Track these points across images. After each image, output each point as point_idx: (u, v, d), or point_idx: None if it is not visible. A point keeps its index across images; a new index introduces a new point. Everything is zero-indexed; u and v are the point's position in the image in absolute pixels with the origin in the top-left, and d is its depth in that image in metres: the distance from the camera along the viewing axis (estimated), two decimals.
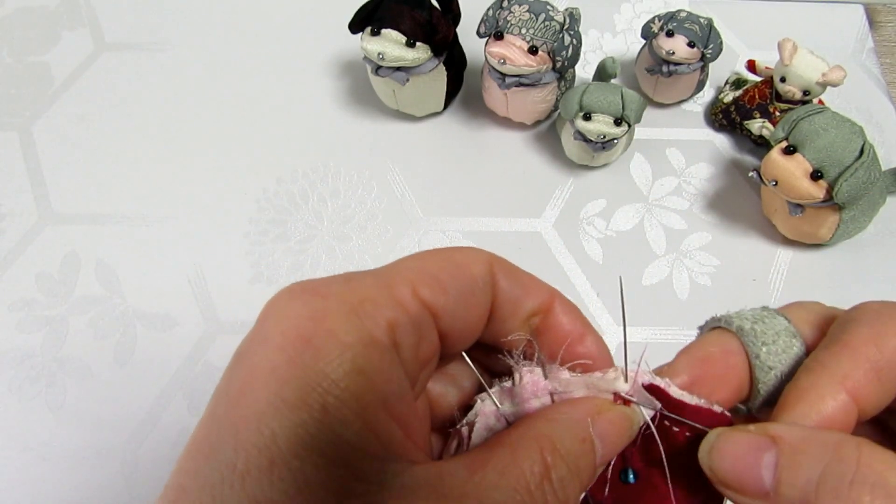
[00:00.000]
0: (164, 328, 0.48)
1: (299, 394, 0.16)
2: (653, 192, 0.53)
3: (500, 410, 0.21)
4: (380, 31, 0.48)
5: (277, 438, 0.16)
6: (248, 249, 0.51)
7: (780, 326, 0.22)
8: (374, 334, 0.17)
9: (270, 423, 0.16)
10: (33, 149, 0.56)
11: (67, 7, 0.64)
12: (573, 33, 0.49)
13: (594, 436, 0.19)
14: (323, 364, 0.17)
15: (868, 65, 0.59)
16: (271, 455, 0.16)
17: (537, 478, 0.17)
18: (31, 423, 0.45)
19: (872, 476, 0.16)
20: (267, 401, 0.16)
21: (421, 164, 0.55)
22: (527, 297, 0.21)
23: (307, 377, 0.16)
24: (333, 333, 0.17)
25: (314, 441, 0.16)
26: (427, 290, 0.19)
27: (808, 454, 0.17)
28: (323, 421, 0.16)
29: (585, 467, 0.18)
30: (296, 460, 0.16)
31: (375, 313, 0.18)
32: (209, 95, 0.59)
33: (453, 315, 0.19)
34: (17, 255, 0.51)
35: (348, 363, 0.17)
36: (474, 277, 0.20)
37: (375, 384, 0.17)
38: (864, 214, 0.46)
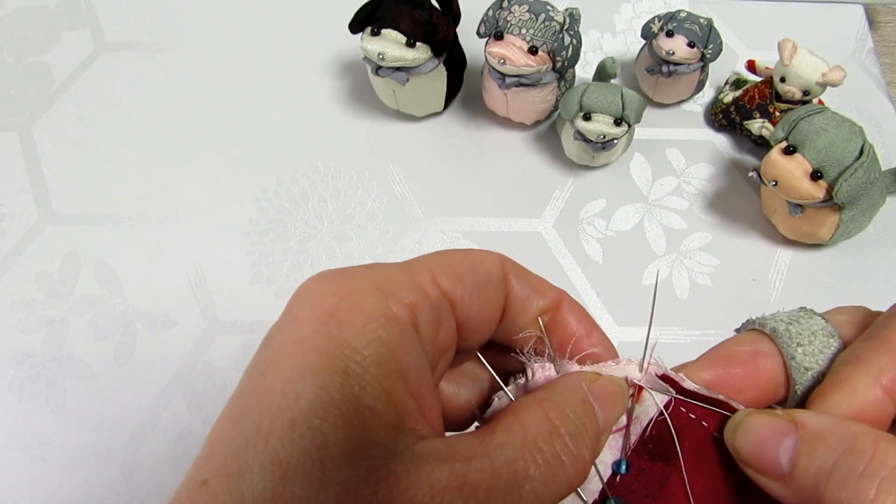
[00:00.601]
0: (164, 328, 0.48)
1: (324, 360, 0.17)
2: (653, 192, 0.53)
3: None
4: (380, 31, 0.48)
5: (300, 399, 0.17)
6: (248, 249, 0.51)
7: (817, 326, 0.22)
8: (396, 311, 0.18)
9: (295, 387, 0.17)
10: (33, 149, 0.56)
11: (67, 7, 0.64)
12: (573, 33, 0.49)
13: (592, 400, 0.20)
14: (347, 333, 0.17)
15: (868, 65, 0.59)
16: (293, 415, 0.16)
17: (545, 434, 0.18)
18: (31, 423, 0.45)
19: (884, 471, 0.16)
20: (293, 368, 0.17)
21: (421, 164, 0.55)
22: (536, 296, 0.22)
23: (331, 345, 0.17)
24: (358, 306, 0.18)
25: (334, 402, 0.17)
26: (446, 280, 0.20)
27: (825, 442, 0.17)
28: (344, 384, 0.17)
29: (590, 427, 0.19)
30: (316, 419, 0.16)
31: (398, 293, 0.19)
32: (209, 95, 0.59)
33: (469, 305, 0.20)
34: (17, 255, 0.51)
35: (371, 333, 0.18)
36: (489, 273, 0.21)
37: (396, 356, 0.18)
38: (863, 214, 0.46)
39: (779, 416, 0.19)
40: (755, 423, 0.19)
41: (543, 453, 0.18)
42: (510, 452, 0.17)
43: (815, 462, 0.17)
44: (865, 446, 0.17)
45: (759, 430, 0.19)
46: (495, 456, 0.17)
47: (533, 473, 0.17)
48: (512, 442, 0.18)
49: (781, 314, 0.23)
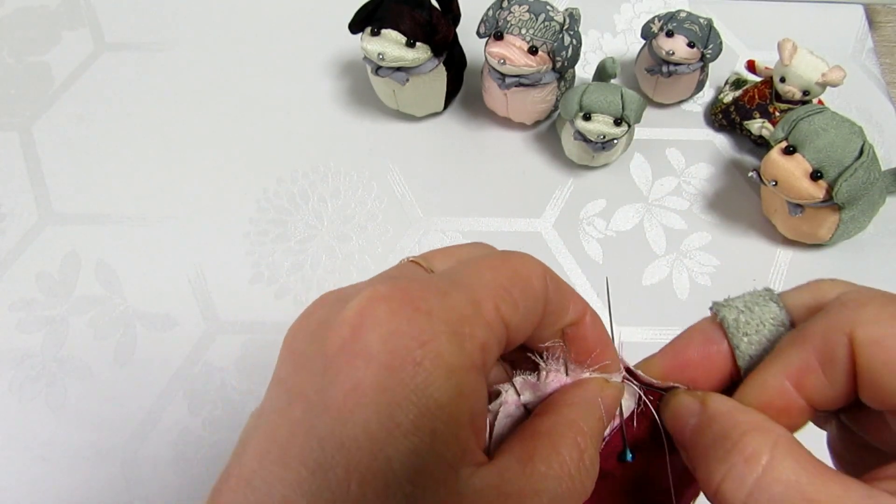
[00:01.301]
0: (164, 328, 0.48)
1: (412, 419, 0.17)
2: (653, 192, 0.53)
3: (521, 399, 0.22)
4: (380, 32, 0.48)
5: (392, 463, 0.16)
6: (248, 249, 0.51)
7: (769, 315, 0.23)
8: (473, 357, 0.18)
9: (385, 449, 0.16)
10: (33, 149, 0.56)
11: (67, 7, 0.64)
12: (573, 33, 0.49)
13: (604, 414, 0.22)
14: (433, 389, 0.17)
15: (868, 65, 0.59)
16: (387, 480, 0.16)
17: (575, 462, 0.19)
18: (31, 423, 0.45)
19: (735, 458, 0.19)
20: (379, 423, 0.16)
21: (421, 164, 0.55)
22: (568, 308, 0.23)
23: (419, 402, 0.17)
24: (441, 357, 0.17)
25: (424, 466, 0.16)
26: (506, 308, 0.20)
27: (711, 426, 0.20)
28: (432, 446, 0.17)
29: (600, 440, 0.21)
30: (409, 485, 0.16)
31: (473, 335, 0.18)
32: (209, 95, 0.59)
33: (519, 329, 0.20)
34: (17, 255, 0.51)
35: (454, 387, 0.17)
36: (537, 292, 0.21)
37: (470, 402, 0.18)
38: (863, 214, 0.46)
39: (695, 397, 0.21)
40: (674, 402, 0.22)
41: (573, 480, 0.19)
42: (552, 484, 0.18)
43: (703, 440, 0.20)
44: (734, 434, 0.19)
45: (676, 408, 0.22)
46: (542, 491, 0.18)
47: (568, 499, 0.19)
48: (552, 475, 0.19)
49: (738, 300, 0.24)
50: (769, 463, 0.18)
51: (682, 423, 0.21)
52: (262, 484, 0.17)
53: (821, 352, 0.20)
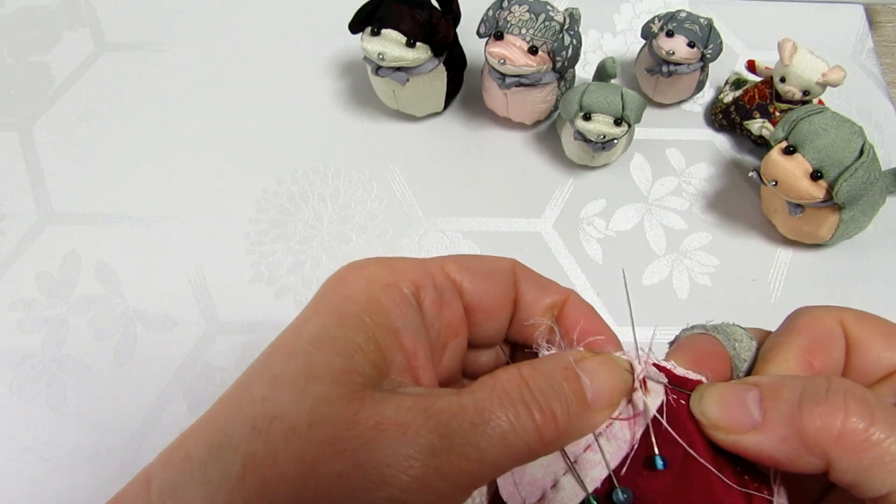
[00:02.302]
0: (164, 328, 0.48)
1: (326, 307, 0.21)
2: (653, 192, 0.53)
3: None
4: (380, 32, 0.48)
5: (302, 334, 0.21)
6: (249, 249, 0.51)
7: (740, 332, 0.25)
8: (398, 283, 0.22)
9: (301, 327, 0.21)
10: (33, 149, 0.56)
11: (67, 7, 0.64)
12: (573, 33, 0.49)
13: (579, 370, 0.21)
14: (349, 290, 0.22)
15: (868, 65, 0.59)
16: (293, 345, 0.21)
17: (514, 385, 0.20)
18: (31, 423, 0.45)
19: (844, 386, 0.19)
20: (305, 315, 0.22)
21: (421, 164, 0.55)
22: (545, 294, 0.25)
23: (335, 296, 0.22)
24: (363, 272, 0.22)
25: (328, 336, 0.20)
26: (453, 268, 0.23)
27: (785, 384, 0.20)
28: (339, 324, 0.21)
29: (570, 390, 0.20)
30: (309, 346, 0.20)
31: (404, 271, 0.22)
32: (209, 95, 0.59)
33: (475, 292, 0.23)
34: (17, 255, 0.51)
35: (367, 291, 0.21)
36: (498, 268, 0.24)
37: (388, 314, 0.21)
38: (863, 214, 0.46)
39: (735, 382, 0.21)
40: (718, 389, 0.21)
41: (511, 399, 0.19)
42: (479, 395, 0.19)
43: (784, 399, 0.20)
44: (820, 379, 0.20)
45: (723, 392, 0.21)
46: (464, 395, 0.19)
47: (499, 414, 0.19)
48: (481, 388, 0.20)
49: (707, 325, 0.25)
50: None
51: (738, 403, 0.20)
52: None
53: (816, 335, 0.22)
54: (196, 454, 0.19)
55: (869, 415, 0.18)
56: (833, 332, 0.22)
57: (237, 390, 0.21)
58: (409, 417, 0.18)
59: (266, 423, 0.19)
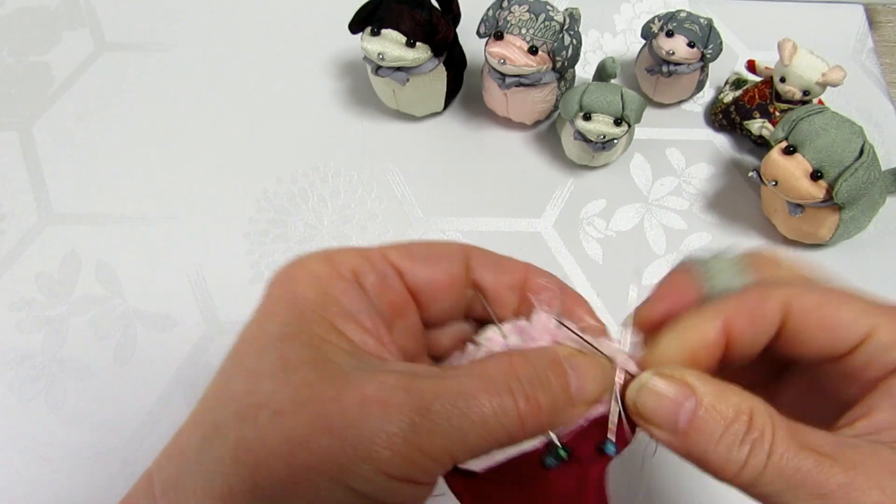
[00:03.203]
0: (164, 328, 0.48)
1: (283, 306, 0.22)
2: (653, 192, 0.53)
3: (507, 341, 0.23)
4: (380, 31, 0.48)
5: (267, 332, 0.22)
6: (248, 249, 0.51)
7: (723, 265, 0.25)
8: (339, 271, 0.23)
9: (264, 325, 0.22)
10: (33, 149, 0.56)
11: (67, 7, 0.64)
12: (573, 33, 0.49)
13: (567, 366, 0.22)
14: (299, 287, 0.23)
15: (868, 65, 0.59)
16: (262, 342, 0.22)
17: (502, 372, 0.21)
18: (31, 423, 0.45)
19: (755, 434, 0.20)
20: (262, 314, 0.23)
21: (421, 164, 0.55)
22: (502, 272, 0.26)
23: (288, 296, 0.23)
24: (307, 269, 0.23)
25: (293, 332, 0.21)
26: (394, 253, 0.25)
27: (718, 412, 0.20)
28: (300, 322, 0.22)
29: (556, 383, 0.21)
30: (278, 342, 0.21)
31: (343, 260, 0.24)
32: (209, 95, 0.59)
33: (418, 274, 0.25)
34: (17, 255, 0.51)
35: (316, 286, 0.23)
36: (444, 252, 0.25)
37: (340, 302, 0.23)
38: (863, 214, 0.46)
39: (677, 380, 0.21)
40: (657, 387, 0.22)
41: (497, 386, 0.20)
42: (464, 379, 0.20)
43: (709, 429, 0.20)
44: (744, 416, 0.20)
45: (661, 395, 0.21)
46: (448, 378, 0.20)
47: (482, 399, 0.20)
48: (468, 373, 0.21)
49: (695, 258, 0.26)
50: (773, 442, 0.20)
51: (673, 408, 0.21)
52: None
53: (754, 306, 0.23)
54: (189, 447, 0.21)
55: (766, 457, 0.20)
56: (767, 312, 0.23)
57: (217, 388, 0.22)
58: (390, 395, 0.19)
59: (252, 412, 0.20)
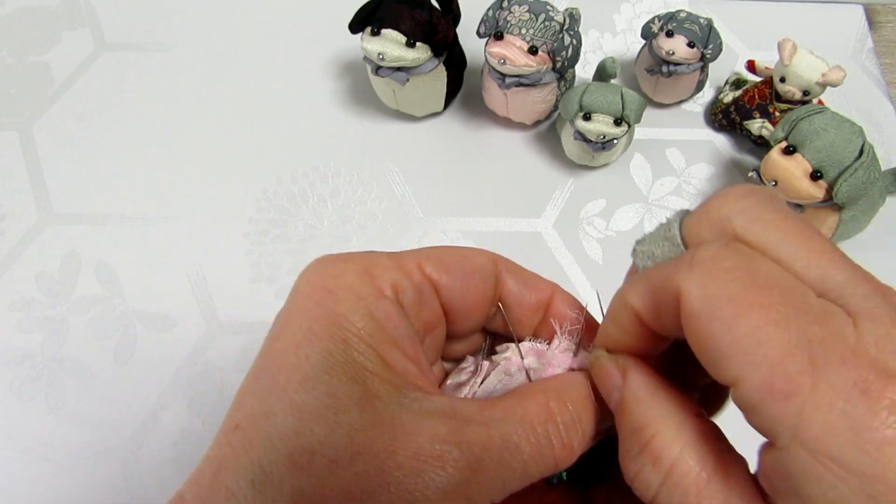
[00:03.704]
0: (164, 328, 0.48)
1: (326, 329, 0.20)
2: (653, 192, 0.53)
3: (525, 362, 0.24)
4: (380, 32, 0.48)
5: (310, 360, 0.20)
6: (248, 249, 0.51)
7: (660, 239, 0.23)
8: (382, 289, 0.21)
9: (305, 350, 0.20)
10: (33, 149, 0.56)
11: (67, 7, 0.64)
12: (573, 33, 0.49)
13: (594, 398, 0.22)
14: (343, 309, 0.21)
15: (868, 65, 0.59)
16: (306, 371, 0.20)
17: (542, 419, 0.21)
18: (31, 423, 0.45)
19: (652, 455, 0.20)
20: (301, 334, 0.20)
21: (421, 164, 0.55)
22: (530, 290, 0.25)
23: (331, 317, 0.20)
24: (350, 287, 0.21)
25: (338, 364, 0.20)
26: (430, 267, 0.23)
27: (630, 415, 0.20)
28: (345, 351, 0.20)
29: (587, 420, 0.22)
30: (325, 375, 0.20)
31: (383, 275, 0.22)
32: (209, 95, 0.59)
33: (453, 291, 0.23)
34: (17, 255, 0.51)
35: (363, 309, 0.21)
36: (477, 266, 0.24)
37: (385, 327, 0.21)
38: (863, 214, 0.46)
39: (617, 365, 0.22)
40: (597, 367, 0.22)
41: (537, 434, 0.20)
42: (507, 427, 0.20)
43: (622, 426, 0.21)
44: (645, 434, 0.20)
45: (599, 373, 0.22)
46: (493, 426, 0.20)
47: (525, 448, 0.20)
48: (510, 419, 0.20)
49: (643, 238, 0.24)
50: (672, 467, 0.19)
51: (608, 394, 0.22)
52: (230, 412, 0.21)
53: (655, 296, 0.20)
54: (238, 491, 0.19)
55: None
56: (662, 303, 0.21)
57: (256, 420, 0.20)
58: (445, 451, 0.19)
59: (306, 458, 0.19)
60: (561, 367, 0.24)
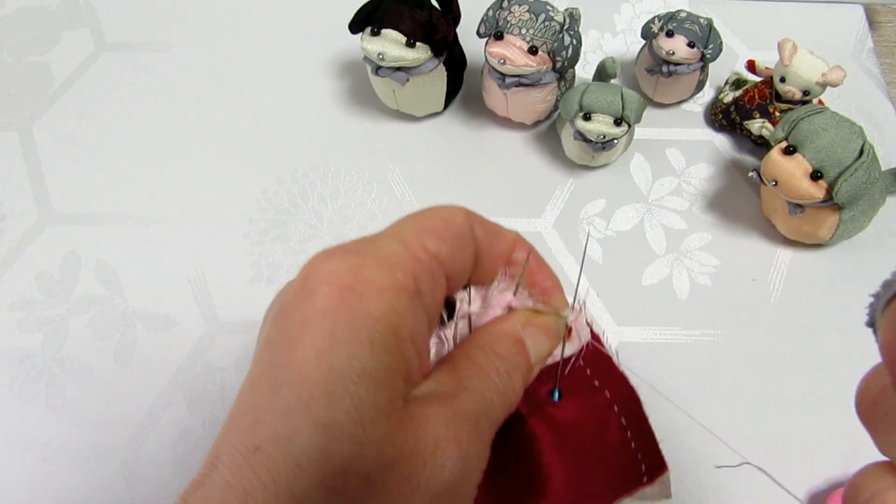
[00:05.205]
0: (164, 328, 0.48)
1: (350, 332, 0.19)
2: (653, 192, 0.53)
3: (470, 308, 0.25)
4: (380, 32, 0.48)
5: (334, 370, 0.19)
6: (248, 249, 0.51)
7: None
8: (402, 282, 0.21)
9: (328, 359, 0.19)
10: (33, 149, 0.56)
11: (67, 7, 0.64)
12: (573, 33, 0.49)
13: (524, 337, 0.24)
14: (368, 306, 0.20)
15: (868, 65, 0.59)
16: (330, 385, 0.18)
17: (495, 371, 0.23)
18: (31, 423, 0.45)
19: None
20: (322, 340, 0.19)
21: (421, 164, 0.55)
22: (496, 241, 0.26)
23: (355, 317, 0.19)
24: (372, 281, 0.20)
25: (365, 369, 0.19)
26: (432, 243, 0.23)
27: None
28: (370, 353, 0.19)
29: (523, 362, 0.24)
30: (351, 385, 0.19)
31: (401, 265, 0.21)
32: (209, 95, 0.59)
33: (452, 259, 0.23)
34: (17, 255, 0.51)
35: (386, 304, 0.20)
36: (460, 226, 0.24)
37: (407, 322, 0.20)
38: (863, 214, 0.46)
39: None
40: None
41: (499, 388, 0.22)
42: (478, 386, 0.22)
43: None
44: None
45: None
46: (471, 389, 0.22)
47: (496, 401, 0.22)
48: (478, 377, 0.22)
49: None
50: None
51: None
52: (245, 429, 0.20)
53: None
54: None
55: None
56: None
57: (280, 442, 0.18)
58: (457, 430, 0.20)
59: (339, 481, 0.18)
60: (500, 306, 0.25)
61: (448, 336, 0.25)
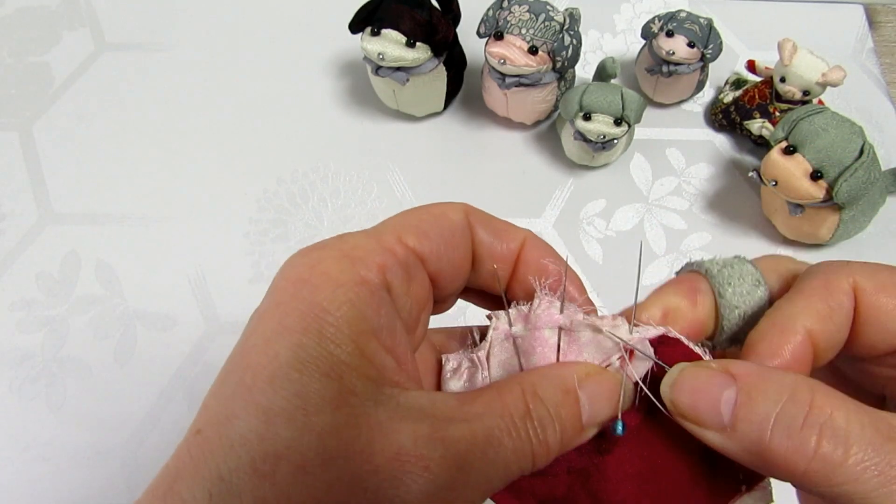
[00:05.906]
0: (164, 328, 0.48)
1: (299, 322, 0.19)
2: (653, 192, 0.53)
3: (513, 330, 0.23)
4: (380, 32, 0.48)
5: (279, 356, 0.18)
6: (248, 249, 0.51)
7: (747, 272, 0.23)
8: (364, 275, 0.20)
9: (274, 346, 0.18)
10: (33, 149, 0.56)
11: (67, 7, 0.64)
12: (573, 33, 0.49)
13: (580, 391, 0.21)
14: (319, 297, 0.19)
15: (868, 65, 0.59)
16: (273, 370, 0.18)
17: (521, 412, 0.20)
18: (31, 423, 0.45)
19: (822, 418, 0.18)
20: (272, 329, 0.19)
21: (421, 164, 0.55)
22: (501, 241, 0.24)
23: (306, 308, 0.19)
24: (327, 274, 0.20)
25: (311, 358, 0.18)
26: (412, 238, 0.21)
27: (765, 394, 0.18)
28: (320, 343, 0.18)
29: (568, 417, 0.20)
30: (294, 373, 0.18)
31: (366, 258, 0.20)
32: (209, 95, 0.59)
33: (438, 257, 0.22)
34: (17, 255, 0.51)
35: (341, 297, 0.19)
36: (453, 223, 0.23)
37: (366, 317, 0.19)
38: (863, 214, 0.46)
39: (713, 369, 0.20)
40: (691, 377, 0.20)
41: (517, 429, 0.19)
42: (489, 421, 0.19)
43: (758, 413, 0.18)
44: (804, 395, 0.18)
45: (696, 383, 0.20)
46: (474, 422, 0.19)
47: (507, 444, 0.19)
48: (491, 413, 0.19)
49: (717, 259, 0.24)
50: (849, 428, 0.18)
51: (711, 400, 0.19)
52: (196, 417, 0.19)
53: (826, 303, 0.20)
54: (193, 503, 0.18)
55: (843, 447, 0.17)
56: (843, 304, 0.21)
57: (219, 424, 0.18)
58: (428, 451, 0.18)
59: (270, 465, 0.17)
60: (547, 326, 0.22)
61: (481, 358, 0.23)
